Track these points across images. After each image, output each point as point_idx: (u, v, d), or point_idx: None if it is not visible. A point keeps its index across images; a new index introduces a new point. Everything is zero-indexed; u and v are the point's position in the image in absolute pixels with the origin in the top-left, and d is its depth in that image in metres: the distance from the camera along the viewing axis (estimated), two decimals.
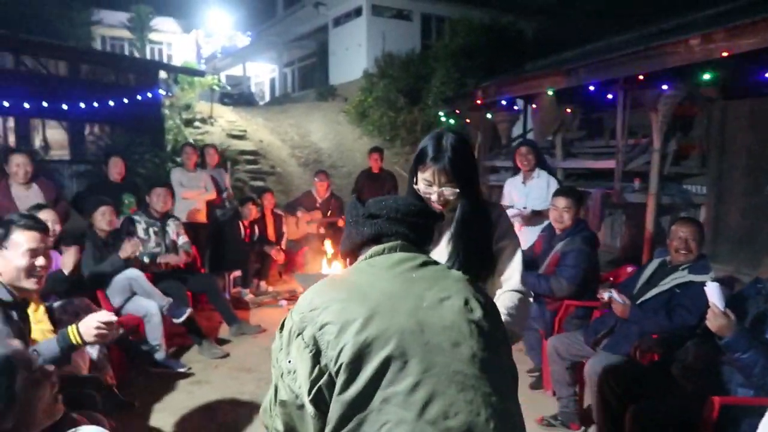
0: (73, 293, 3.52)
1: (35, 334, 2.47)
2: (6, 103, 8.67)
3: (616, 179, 6.61)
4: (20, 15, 16.05)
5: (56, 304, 3.67)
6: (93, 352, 3.41)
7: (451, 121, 10.75)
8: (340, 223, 7.15)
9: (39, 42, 9.63)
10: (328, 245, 6.73)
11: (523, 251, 2.07)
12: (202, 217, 6.33)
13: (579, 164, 7.66)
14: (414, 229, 1.47)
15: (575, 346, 3.49)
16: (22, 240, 2.33)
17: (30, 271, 2.34)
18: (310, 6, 21.43)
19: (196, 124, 15.59)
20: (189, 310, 4.59)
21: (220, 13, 29.61)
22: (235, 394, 3.96)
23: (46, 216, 3.60)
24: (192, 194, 6.27)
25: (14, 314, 2.26)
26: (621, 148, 6.58)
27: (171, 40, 30.44)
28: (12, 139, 9.46)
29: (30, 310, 2.48)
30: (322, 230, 7.20)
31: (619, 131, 6.62)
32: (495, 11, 17.67)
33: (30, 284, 2.36)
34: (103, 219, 4.61)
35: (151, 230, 5.08)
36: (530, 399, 3.90)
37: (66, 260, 3.71)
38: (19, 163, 4.59)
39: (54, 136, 12.14)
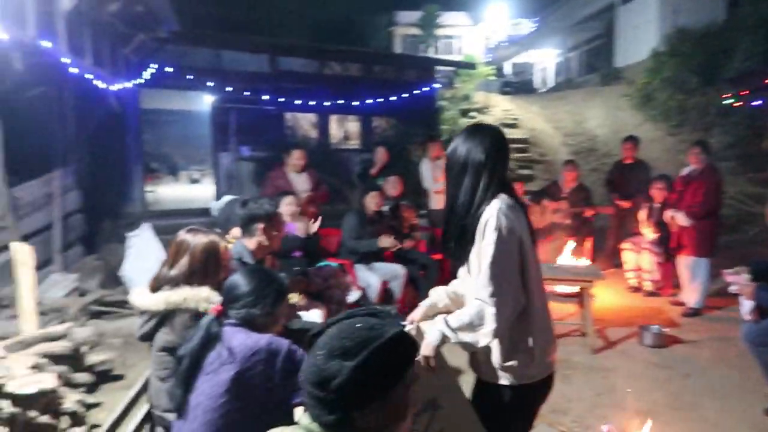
0: (305, 253, 4.47)
1: None
2: (311, 102, 10.54)
3: None
4: (332, 26, 18.90)
5: (310, 268, 4.59)
6: None
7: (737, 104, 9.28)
8: (587, 212, 7.05)
9: (338, 49, 11.32)
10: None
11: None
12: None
13: None
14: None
15: None
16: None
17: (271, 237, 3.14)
18: None
19: (472, 114, 16.36)
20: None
21: (507, 2, 30.09)
22: None
23: (289, 200, 4.63)
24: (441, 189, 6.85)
25: None
26: None
27: (461, 33, 32.15)
28: (314, 133, 11.46)
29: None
30: (567, 221, 7.11)
31: None
32: None
33: (268, 246, 3.14)
34: (372, 201, 5.63)
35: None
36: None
37: (300, 227, 4.63)
38: (299, 156, 5.80)
39: (351, 128, 14.21)
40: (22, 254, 3.54)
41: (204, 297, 2.28)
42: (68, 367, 3.42)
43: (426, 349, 1.96)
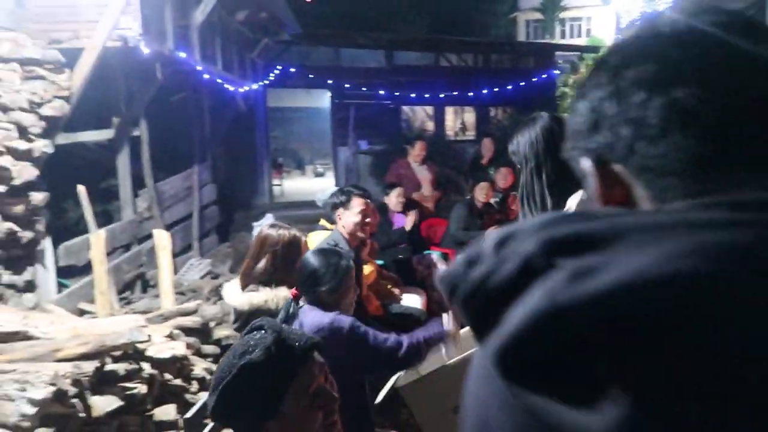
0: (409, 243, 4.59)
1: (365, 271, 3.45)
2: (427, 95, 10.71)
3: None
4: (451, 17, 18.86)
5: (415, 256, 4.77)
6: None
7: None
8: None
9: (454, 40, 11.37)
10: None
11: None
12: None
13: None
14: None
15: None
16: (356, 204, 3.27)
17: (362, 225, 3.29)
18: None
19: None
20: None
21: None
22: None
23: (398, 192, 4.85)
24: None
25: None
26: None
27: (590, 14, 30.54)
28: (430, 125, 11.64)
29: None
30: None
31: None
32: None
33: (362, 235, 3.32)
34: (481, 192, 5.67)
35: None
36: None
37: (408, 221, 4.79)
38: (421, 148, 5.96)
39: (467, 119, 14.19)
40: (162, 240, 4.07)
41: (283, 297, 2.37)
42: (198, 339, 3.89)
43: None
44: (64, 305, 3.92)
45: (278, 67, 9.03)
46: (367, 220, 3.32)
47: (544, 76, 11.70)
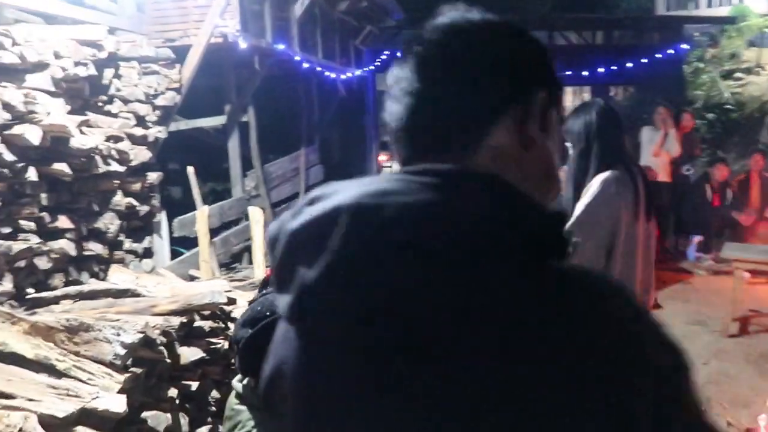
0: None
1: None
2: None
3: None
4: None
5: None
6: None
7: None
8: None
9: (570, 17, 10.96)
10: None
11: None
12: (665, 176, 6.36)
13: None
14: None
15: None
16: None
17: None
18: None
19: (738, 75, 14.18)
20: None
21: None
22: None
23: None
24: (658, 151, 6.36)
25: None
26: None
27: None
28: None
29: None
30: None
31: None
32: None
33: None
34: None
35: None
36: None
37: None
38: None
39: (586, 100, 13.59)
40: (256, 215, 4.54)
41: None
42: None
43: None
44: (176, 271, 4.52)
45: (385, 52, 9.31)
46: None
47: (670, 51, 10.91)
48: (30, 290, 3.27)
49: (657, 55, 10.78)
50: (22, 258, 3.15)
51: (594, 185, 2.12)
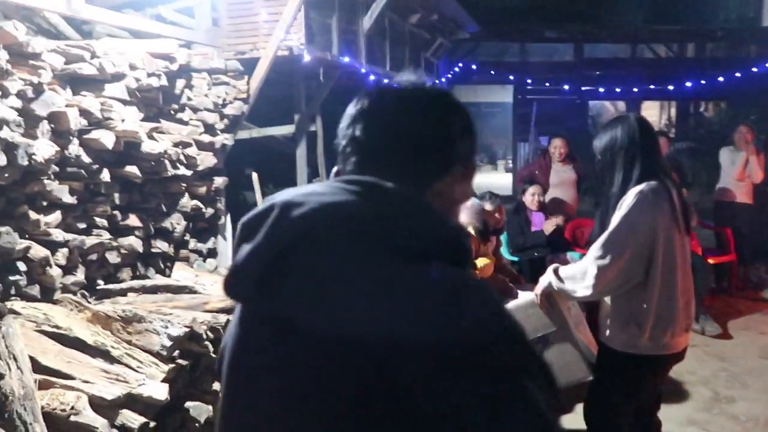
0: (549, 247, 4.56)
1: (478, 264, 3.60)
2: (618, 89, 10.07)
3: None
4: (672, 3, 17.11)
5: (549, 255, 4.74)
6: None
7: None
8: None
9: (651, 29, 10.54)
10: None
11: None
12: (745, 198, 5.95)
13: None
14: None
15: None
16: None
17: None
18: None
19: None
20: None
21: None
22: None
23: (534, 190, 4.75)
24: (742, 174, 5.96)
25: None
26: None
27: None
28: None
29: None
30: None
31: None
32: None
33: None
34: None
35: None
36: None
37: (548, 225, 4.72)
38: (556, 146, 5.63)
39: (672, 115, 12.94)
40: None
41: None
42: None
43: (537, 289, 2.38)
44: None
45: (459, 64, 9.33)
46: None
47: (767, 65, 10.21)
48: (100, 282, 3.56)
49: (753, 69, 10.12)
50: (95, 252, 3.44)
51: (629, 198, 2.15)
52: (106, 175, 3.37)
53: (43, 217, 3.06)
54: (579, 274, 2.19)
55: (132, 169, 3.54)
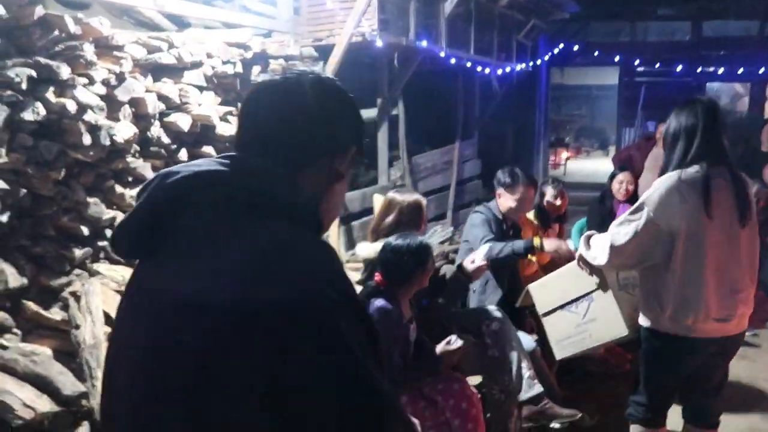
0: None
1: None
2: (740, 70, 9.13)
3: None
4: None
5: None
6: None
7: None
8: None
9: (724, 4, 9.41)
10: None
11: None
12: None
13: None
14: None
15: None
16: (519, 191, 3.39)
17: (517, 212, 3.42)
18: None
19: None
20: None
21: None
22: None
23: (622, 177, 4.44)
24: None
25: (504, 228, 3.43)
26: None
27: None
28: (742, 105, 9.90)
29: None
30: None
31: None
32: None
33: (514, 218, 3.46)
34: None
35: None
36: None
37: None
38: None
39: None
40: (378, 201, 4.86)
41: None
42: None
43: (576, 254, 2.59)
44: None
45: (560, 45, 8.98)
46: (518, 208, 3.40)
47: None
48: None
49: None
50: None
51: (658, 181, 2.24)
52: (184, 155, 3.71)
53: (128, 191, 3.44)
54: (600, 245, 2.33)
55: (208, 149, 3.86)
